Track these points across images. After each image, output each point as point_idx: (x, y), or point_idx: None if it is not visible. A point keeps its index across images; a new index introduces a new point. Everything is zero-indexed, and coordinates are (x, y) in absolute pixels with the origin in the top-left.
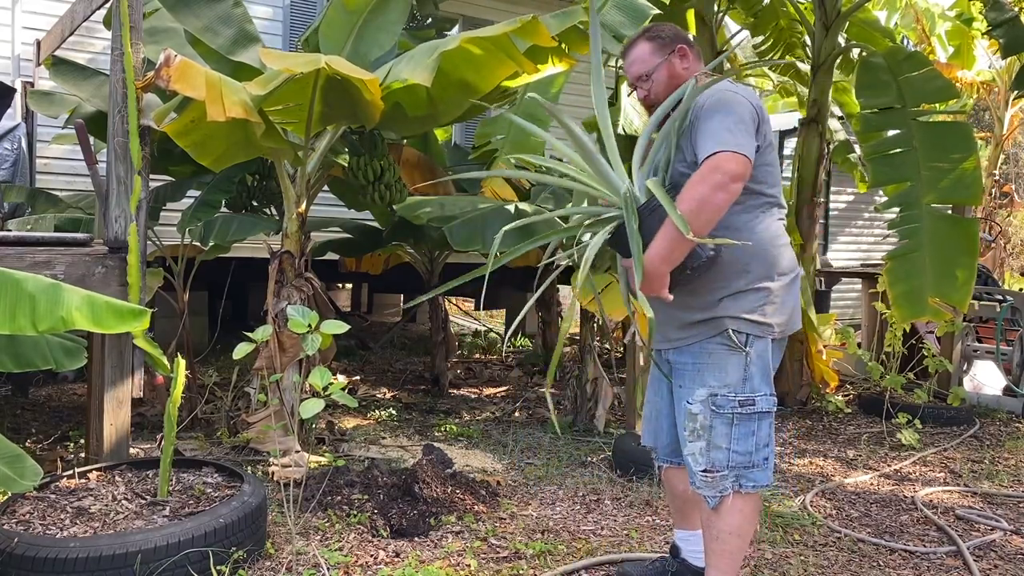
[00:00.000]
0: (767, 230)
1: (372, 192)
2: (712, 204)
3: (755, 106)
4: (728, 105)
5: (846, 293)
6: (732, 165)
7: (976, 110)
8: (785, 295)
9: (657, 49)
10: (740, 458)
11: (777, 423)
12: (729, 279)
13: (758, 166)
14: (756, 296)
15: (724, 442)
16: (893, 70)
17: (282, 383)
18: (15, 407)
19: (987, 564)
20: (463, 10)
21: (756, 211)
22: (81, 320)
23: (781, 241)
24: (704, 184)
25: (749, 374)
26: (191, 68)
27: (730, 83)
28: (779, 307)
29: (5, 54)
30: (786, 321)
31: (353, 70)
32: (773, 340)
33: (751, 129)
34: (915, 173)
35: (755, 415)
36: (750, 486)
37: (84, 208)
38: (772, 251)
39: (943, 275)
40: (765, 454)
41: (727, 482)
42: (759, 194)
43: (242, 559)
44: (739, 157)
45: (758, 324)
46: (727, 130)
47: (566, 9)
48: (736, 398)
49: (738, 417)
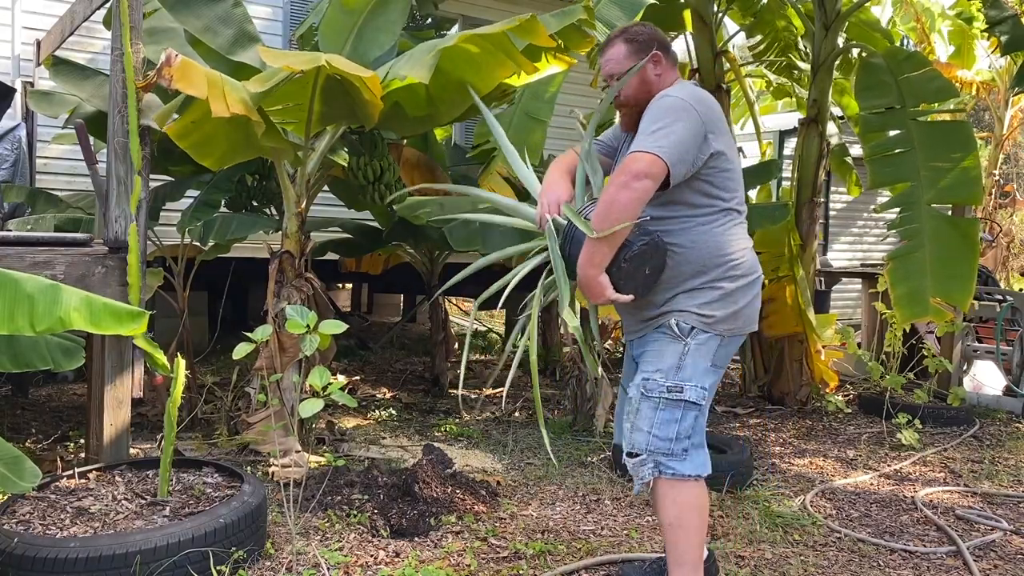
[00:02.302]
0: (725, 234)
1: (372, 192)
2: (617, 203)
3: (700, 111)
4: (661, 110)
5: (846, 293)
6: (637, 165)
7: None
8: (741, 297)
9: (632, 52)
10: (659, 443)
11: (777, 423)
12: (687, 278)
13: (715, 172)
14: (709, 293)
15: (646, 425)
16: (893, 70)
17: (282, 383)
18: (15, 407)
19: (987, 564)
20: (463, 10)
21: (714, 216)
22: (79, 321)
23: (741, 245)
24: (611, 186)
25: (684, 363)
26: (192, 67)
27: (683, 87)
28: (731, 307)
29: (5, 54)
30: (738, 322)
31: (353, 68)
32: (721, 337)
33: (683, 133)
34: (915, 173)
35: (681, 403)
36: (669, 473)
37: (84, 208)
38: (731, 254)
39: (944, 275)
40: (685, 445)
41: (647, 468)
42: (717, 199)
43: (242, 559)
44: (647, 156)
45: (704, 317)
46: (649, 133)
47: (565, 8)
48: (665, 383)
49: (664, 402)
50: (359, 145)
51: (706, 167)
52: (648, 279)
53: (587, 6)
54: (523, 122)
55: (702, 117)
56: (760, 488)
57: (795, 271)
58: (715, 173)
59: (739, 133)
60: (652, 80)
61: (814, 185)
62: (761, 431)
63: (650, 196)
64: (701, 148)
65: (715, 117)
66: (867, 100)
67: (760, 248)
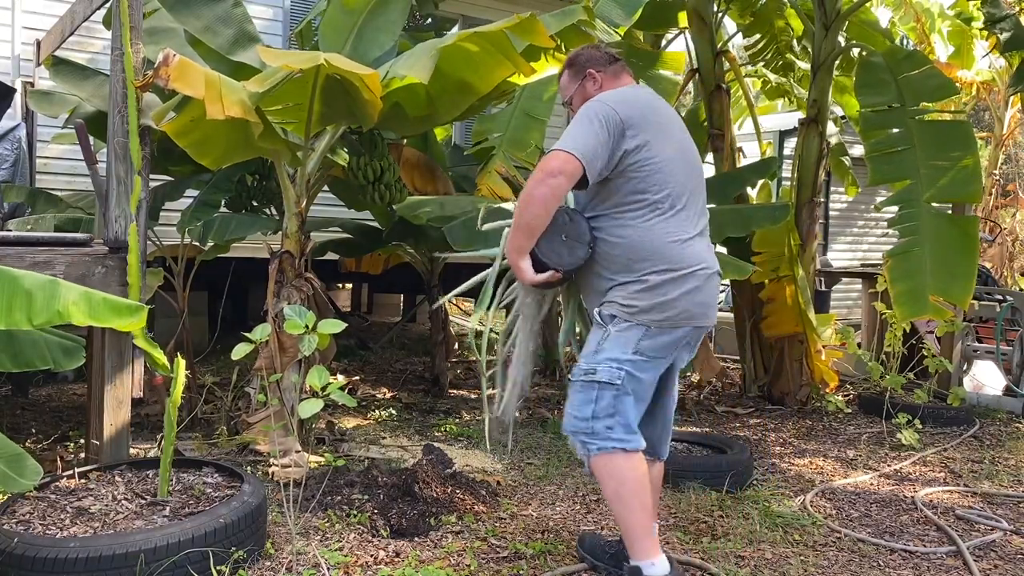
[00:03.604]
0: (652, 229)
1: (372, 192)
2: (532, 198)
3: (620, 111)
4: (582, 113)
5: (846, 293)
6: (552, 163)
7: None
8: (670, 289)
9: (572, 76)
10: (580, 424)
11: (777, 423)
12: (618, 272)
13: (638, 168)
14: (634, 285)
15: (571, 407)
16: (892, 69)
17: (282, 383)
18: (15, 407)
19: (987, 564)
20: (463, 10)
21: (641, 212)
22: (78, 314)
23: (672, 238)
24: (529, 181)
25: (601, 347)
26: (190, 67)
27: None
28: (657, 298)
29: (5, 54)
30: (667, 314)
31: (353, 66)
32: (646, 328)
33: (600, 133)
34: (914, 171)
35: (595, 384)
36: (595, 450)
37: (84, 208)
38: (658, 249)
39: (944, 273)
40: (608, 423)
41: (577, 447)
42: (643, 194)
43: (242, 559)
44: (561, 154)
45: (626, 307)
46: (567, 134)
47: (565, 8)
48: (583, 367)
49: (581, 384)
50: (359, 145)
51: (630, 166)
52: (572, 248)
53: (587, 6)
54: (522, 121)
55: (620, 115)
56: (760, 488)
57: (795, 271)
58: (638, 168)
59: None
60: (591, 93)
61: (814, 185)
62: (761, 431)
63: (565, 191)
64: (618, 144)
65: (638, 114)
66: (867, 98)
67: (760, 248)
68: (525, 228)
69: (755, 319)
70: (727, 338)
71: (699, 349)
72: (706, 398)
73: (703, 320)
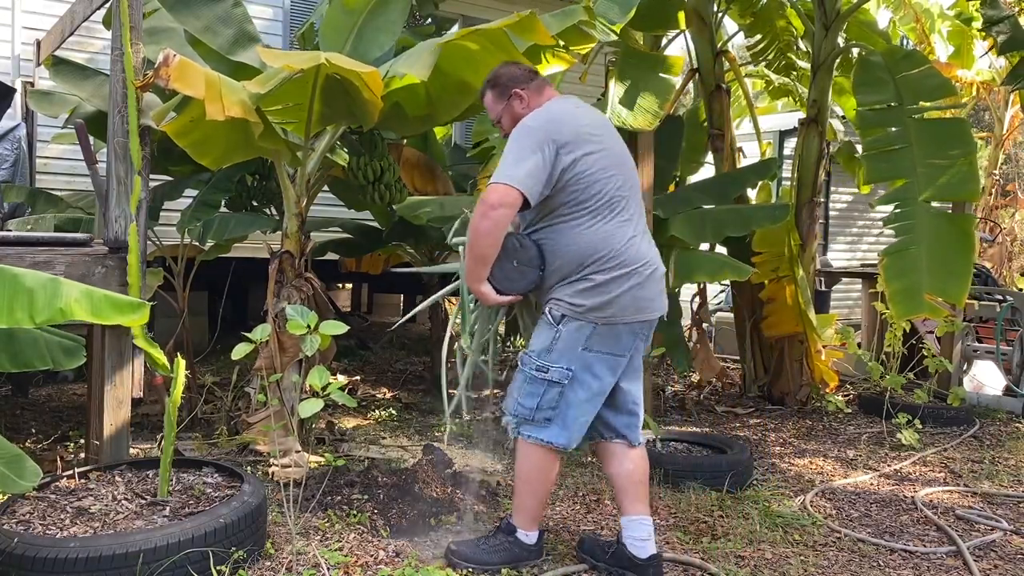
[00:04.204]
0: (596, 234)
1: (372, 192)
2: (478, 231)
3: (550, 131)
4: (514, 138)
5: (846, 293)
6: (492, 196)
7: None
8: (614, 287)
9: (497, 97)
10: (523, 410)
11: (777, 423)
12: (565, 274)
13: (576, 181)
14: (580, 284)
15: (516, 393)
16: (891, 68)
17: (282, 383)
18: (15, 407)
19: (987, 564)
20: (463, 10)
21: (583, 219)
22: (80, 312)
23: (615, 240)
24: (474, 216)
25: (553, 347)
26: (190, 67)
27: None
28: (602, 296)
29: (5, 54)
30: (612, 310)
31: (353, 64)
32: (595, 325)
33: (535, 157)
34: (911, 170)
35: (545, 381)
36: (527, 436)
37: (84, 208)
38: (602, 250)
39: (940, 271)
40: (548, 415)
41: (511, 427)
42: (583, 203)
43: (242, 559)
44: (499, 187)
45: (573, 306)
46: (504, 163)
47: (565, 8)
48: (535, 361)
49: (531, 378)
50: (359, 145)
51: (569, 181)
52: (524, 273)
53: (587, 6)
54: None
55: (552, 136)
56: (760, 488)
57: (795, 271)
58: (576, 181)
59: (739, 133)
60: (520, 112)
61: (814, 185)
62: (761, 431)
63: (509, 219)
64: (555, 165)
65: (568, 130)
66: (865, 96)
67: (760, 248)
68: (478, 259)
69: (755, 319)
70: (727, 338)
71: (699, 349)
72: (706, 398)
73: (649, 313)
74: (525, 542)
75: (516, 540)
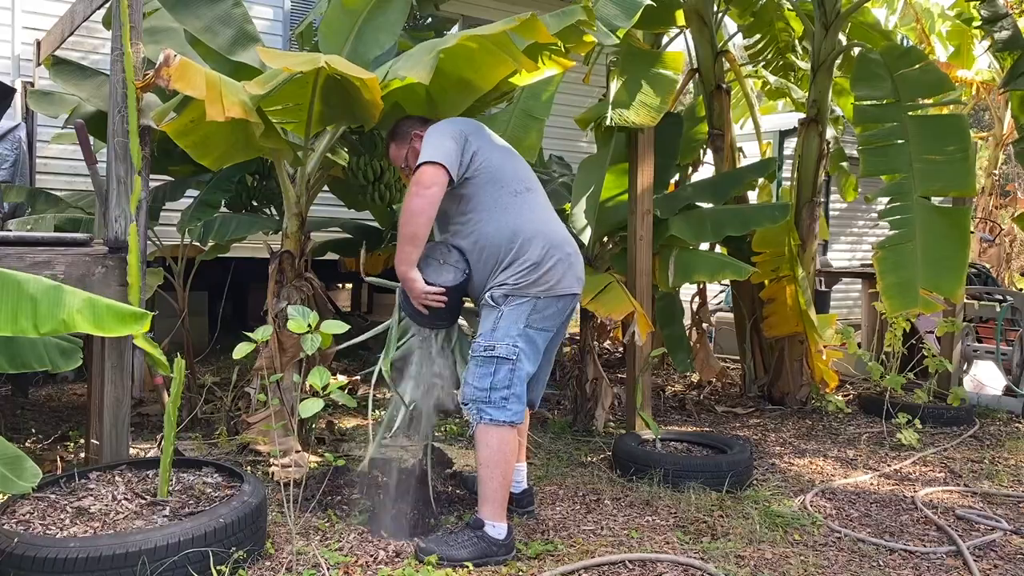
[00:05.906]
0: (521, 214)
1: (372, 192)
2: (412, 210)
3: (457, 123)
4: (427, 135)
5: (846, 293)
6: (423, 176)
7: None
8: (547, 260)
9: (399, 144)
10: (478, 392)
11: (777, 423)
12: (494, 264)
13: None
14: (516, 266)
15: (470, 378)
16: (889, 65)
17: (282, 383)
18: (15, 407)
19: (987, 564)
20: (463, 10)
21: (502, 201)
22: (82, 323)
23: (528, 219)
24: (407, 198)
25: (498, 325)
26: (191, 68)
27: None
28: (536, 272)
29: (5, 54)
30: (547, 284)
31: (353, 69)
32: (535, 300)
33: (449, 142)
34: (907, 165)
35: (494, 359)
36: (487, 419)
37: (84, 208)
38: (520, 231)
39: (935, 266)
40: (504, 394)
41: (472, 414)
42: (495, 184)
43: (242, 559)
44: (427, 168)
45: (512, 286)
46: (425, 150)
47: (564, 9)
48: (483, 344)
49: (480, 359)
50: (359, 145)
51: (479, 167)
52: (448, 270)
53: (586, 7)
54: (521, 120)
55: (459, 128)
56: (760, 488)
57: (795, 271)
58: (484, 168)
59: (739, 133)
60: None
61: (814, 185)
62: (761, 431)
63: (439, 198)
64: (466, 149)
65: (471, 128)
66: (862, 91)
67: (760, 248)
68: (410, 238)
69: (755, 319)
70: (727, 338)
71: (699, 349)
72: (706, 398)
73: (577, 287)
74: (494, 536)
75: (484, 535)
